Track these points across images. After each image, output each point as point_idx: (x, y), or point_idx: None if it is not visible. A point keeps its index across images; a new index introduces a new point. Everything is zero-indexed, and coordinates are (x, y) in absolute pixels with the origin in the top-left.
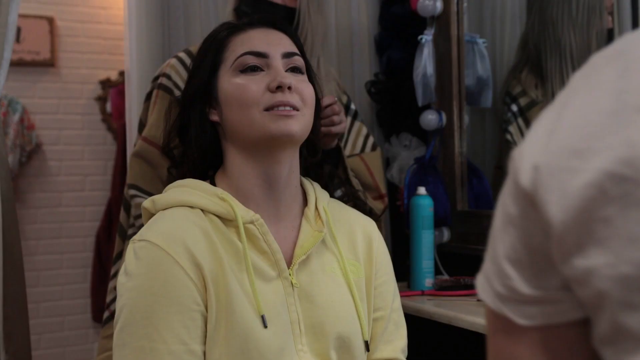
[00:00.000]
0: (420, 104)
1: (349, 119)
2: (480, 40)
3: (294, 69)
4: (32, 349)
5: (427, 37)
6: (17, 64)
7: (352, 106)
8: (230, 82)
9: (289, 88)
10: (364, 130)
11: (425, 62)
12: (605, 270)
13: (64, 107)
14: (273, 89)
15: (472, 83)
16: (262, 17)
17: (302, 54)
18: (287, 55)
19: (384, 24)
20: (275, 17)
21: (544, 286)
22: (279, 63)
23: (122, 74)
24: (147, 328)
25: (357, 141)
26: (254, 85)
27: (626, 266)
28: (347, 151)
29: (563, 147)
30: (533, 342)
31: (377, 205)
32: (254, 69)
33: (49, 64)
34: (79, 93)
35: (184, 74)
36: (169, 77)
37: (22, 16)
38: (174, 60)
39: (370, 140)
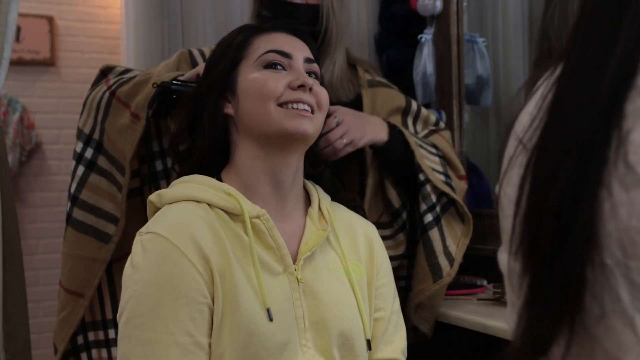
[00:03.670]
0: (420, 103)
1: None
2: (480, 40)
3: (313, 74)
4: (32, 348)
5: (426, 36)
6: (17, 63)
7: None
8: (251, 75)
9: (310, 89)
10: (433, 117)
11: (425, 62)
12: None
13: (64, 107)
14: (295, 87)
15: (472, 82)
16: (285, 23)
17: (318, 63)
18: (309, 60)
19: (383, 24)
20: (297, 26)
21: None
22: (300, 65)
23: None
24: (154, 320)
25: (429, 120)
26: (275, 81)
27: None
28: (419, 127)
29: None
30: None
31: (462, 185)
32: (277, 66)
33: (48, 63)
34: (78, 92)
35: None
36: (200, 50)
37: (22, 15)
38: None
39: (441, 124)
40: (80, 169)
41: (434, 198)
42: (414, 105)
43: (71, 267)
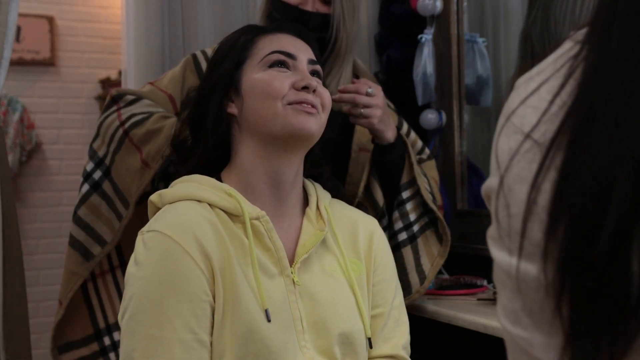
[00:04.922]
0: (420, 103)
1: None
2: (480, 40)
3: (316, 75)
4: (32, 348)
5: (427, 36)
6: (17, 63)
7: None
8: (257, 75)
9: (314, 90)
10: (420, 142)
11: (425, 62)
12: None
13: (64, 107)
14: (299, 87)
15: (472, 82)
16: (289, 24)
17: (321, 65)
18: (312, 62)
19: (383, 24)
20: (301, 27)
21: None
22: (304, 66)
23: (122, 73)
24: (157, 316)
25: (415, 145)
26: (281, 80)
27: None
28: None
29: None
30: None
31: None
32: (281, 66)
33: (48, 63)
34: (78, 92)
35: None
36: (204, 52)
37: (22, 15)
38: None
39: (426, 151)
40: (85, 187)
41: (412, 217)
42: (405, 127)
43: (62, 275)
